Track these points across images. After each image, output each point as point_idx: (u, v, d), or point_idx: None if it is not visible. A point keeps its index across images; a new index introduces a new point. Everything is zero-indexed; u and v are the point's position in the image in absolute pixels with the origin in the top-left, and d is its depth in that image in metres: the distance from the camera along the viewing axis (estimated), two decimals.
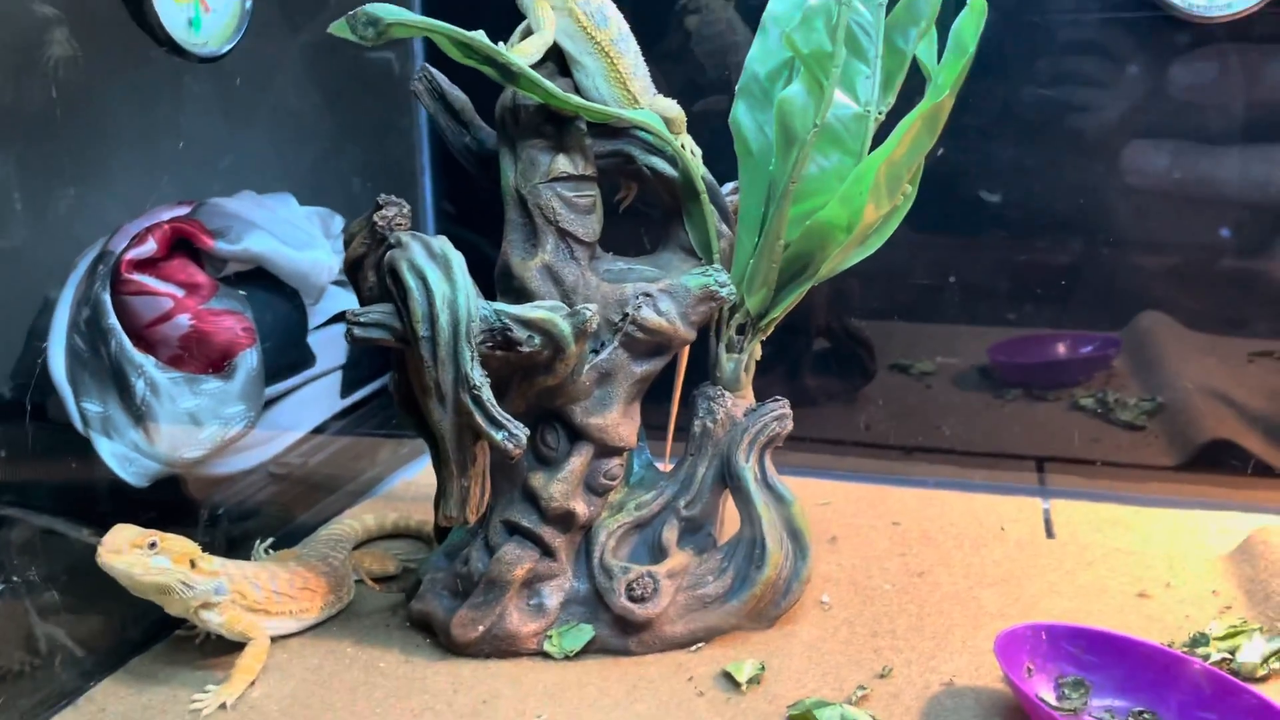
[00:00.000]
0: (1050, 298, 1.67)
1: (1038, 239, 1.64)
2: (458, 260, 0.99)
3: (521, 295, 1.10)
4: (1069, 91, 1.53)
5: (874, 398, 1.74)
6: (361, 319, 1.00)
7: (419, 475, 1.64)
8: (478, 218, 1.73)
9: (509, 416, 0.97)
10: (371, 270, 1.11)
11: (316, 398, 1.59)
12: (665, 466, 1.24)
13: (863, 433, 1.70)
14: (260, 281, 1.45)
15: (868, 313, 1.73)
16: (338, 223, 1.65)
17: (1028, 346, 1.80)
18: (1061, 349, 1.81)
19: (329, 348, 1.63)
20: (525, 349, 0.99)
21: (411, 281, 0.97)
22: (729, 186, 1.20)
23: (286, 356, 1.51)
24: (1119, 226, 1.60)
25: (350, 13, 0.97)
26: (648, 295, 1.09)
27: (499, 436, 0.97)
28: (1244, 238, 1.56)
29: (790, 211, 1.05)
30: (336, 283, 1.54)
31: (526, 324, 0.99)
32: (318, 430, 1.58)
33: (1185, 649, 1.06)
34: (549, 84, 1.03)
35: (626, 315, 1.08)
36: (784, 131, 1.01)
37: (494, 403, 0.97)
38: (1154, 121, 1.53)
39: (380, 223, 1.08)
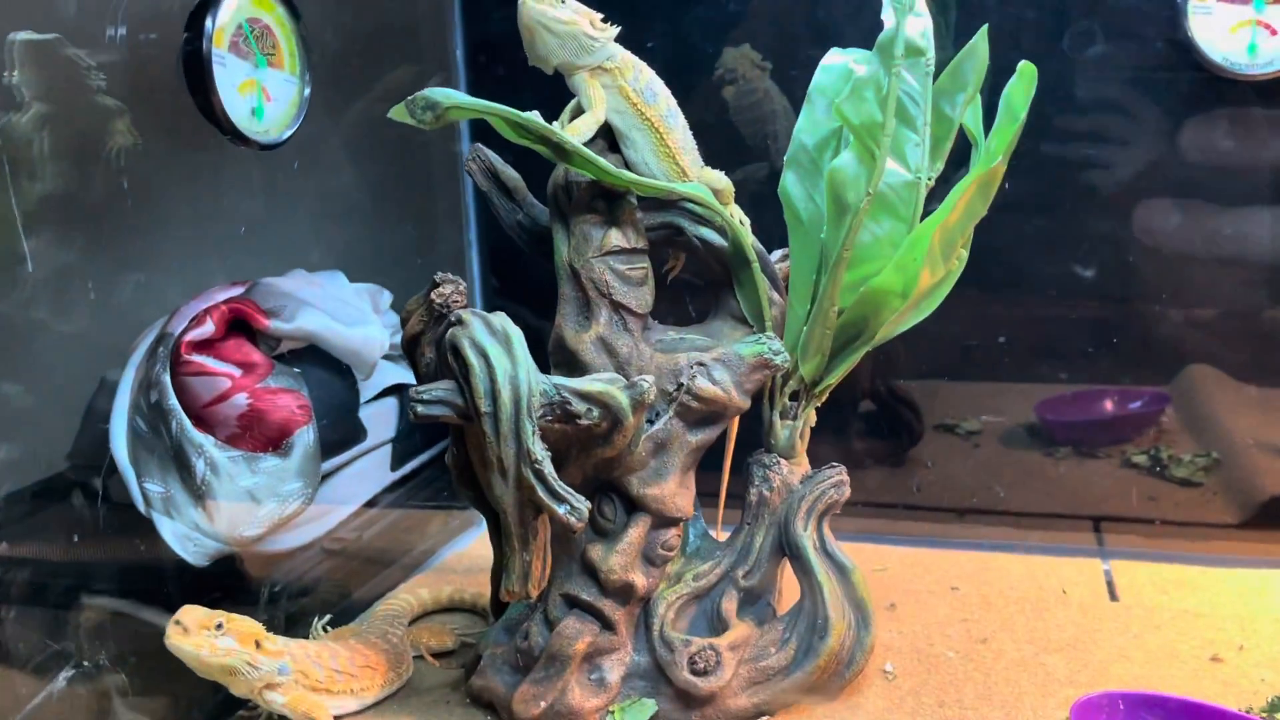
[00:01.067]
0: (1096, 354, 1.66)
1: (1082, 296, 1.64)
2: (517, 336, 1.00)
3: (575, 368, 1.11)
4: (1111, 151, 1.54)
5: (922, 459, 1.73)
6: (424, 396, 1.01)
7: (470, 547, 1.64)
8: (524, 291, 1.76)
9: (570, 490, 0.97)
10: (429, 346, 1.12)
11: (368, 471, 1.60)
12: (719, 535, 1.23)
13: (914, 495, 1.68)
14: (313, 359, 1.47)
15: (912, 373, 1.72)
16: (386, 298, 1.68)
17: (1076, 403, 1.78)
18: (1109, 405, 1.79)
19: (379, 421, 1.65)
20: (584, 421, 1.00)
21: (473, 358, 0.98)
22: (777, 254, 1.22)
23: (339, 432, 1.52)
24: (1163, 282, 1.59)
25: (409, 98, 0.99)
26: (701, 364, 1.10)
27: (561, 510, 0.97)
28: None
29: (844, 278, 1.06)
30: (386, 357, 1.57)
31: (585, 397, 1.00)
32: (370, 504, 1.59)
33: (1264, 714, 1.04)
34: (602, 161, 1.05)
35: (681, 385, 1.09)
36: (836, 200, 1.03)
37: (555, 477, 0.97)
38: (1196, 179, 1.53)
39: (437, 300, 1.09)
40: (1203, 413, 1.69)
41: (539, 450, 0.97)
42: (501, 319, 1.01)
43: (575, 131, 1.07)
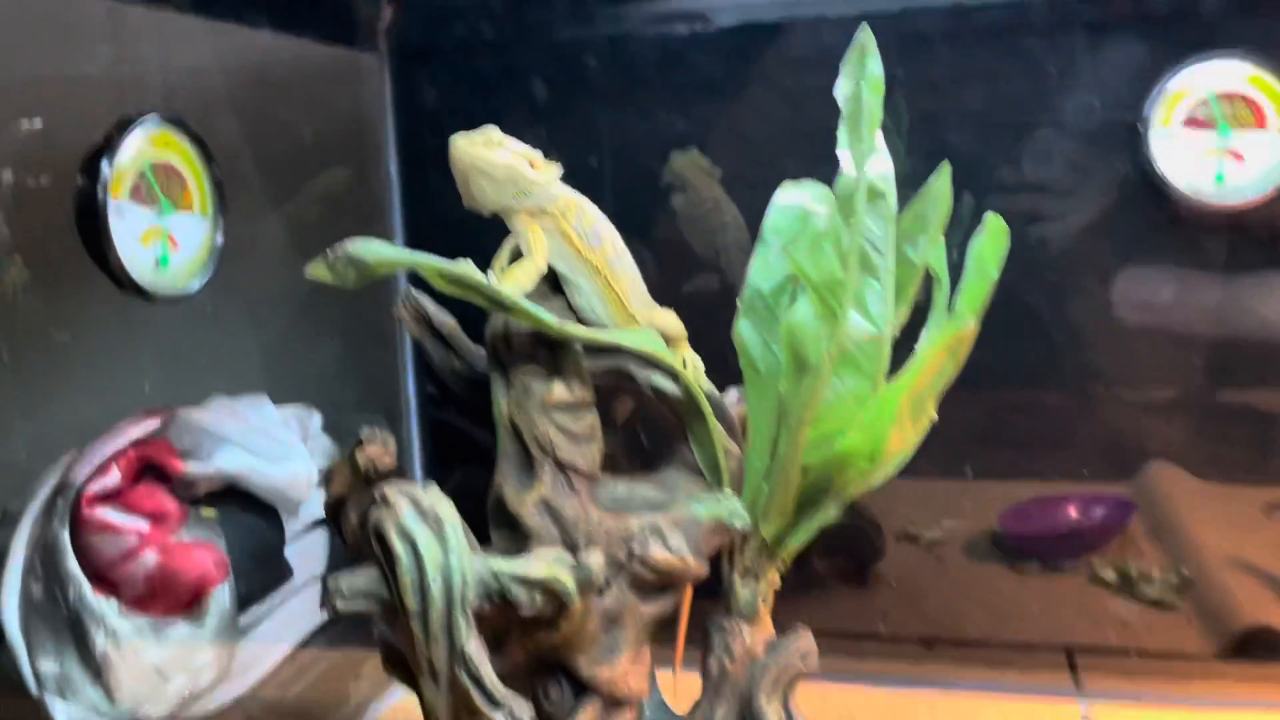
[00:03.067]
0: (1053, 449, 1.61)
1: (1031, 386, 1.59)
2: (449, 515, 0.90)
3: (515, 531, 1.01)
4: (1058, 257, 1.50)
5: (886, 577, 1.65)
6: (344, 589, 0.91)
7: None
8: (461, 402, 1.67)
9: (510, 693, 0.88)
10: (355, 512, 1.02)
11: (295, 614, 1.49)
12: (676, 703, 1.13)
13: (880, 624, 1.60)
14: (234, 499, 1.36)
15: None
16: (316, 421, 1.57)
17: (1039, 511, 1.73)
18: (1074, 512, 1.74)
19: (307, 557, 1.54)
20: (526, 611, 0.90)
21: (400, 548, 0.88)
22: (733, 394, 1.14)
23: (262, 577, 1.41)
24: (1116, 369, 1.55)
25: (328, 252, 0.90)
26: (655, 530, 1.01)
27: (499, 717, 0.87)
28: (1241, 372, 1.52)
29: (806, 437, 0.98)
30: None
31: (527, 583, 0.90)
32: (299, 647, 1.47)
33: None
34: (544, 314, 0.97)
35: (633, 553, 1.00)
36: (794, 356, 0.95)
37: (493, 680, 0.87)
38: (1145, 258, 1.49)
39: (363, 462, 1.00)
40: (1168, 521, 1.64)
41: (473, 651, 0.87)
42: (432, 497, 0.91)
43: (514, 281, 0.99)
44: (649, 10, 1.58)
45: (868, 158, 0.91)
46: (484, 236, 1.06)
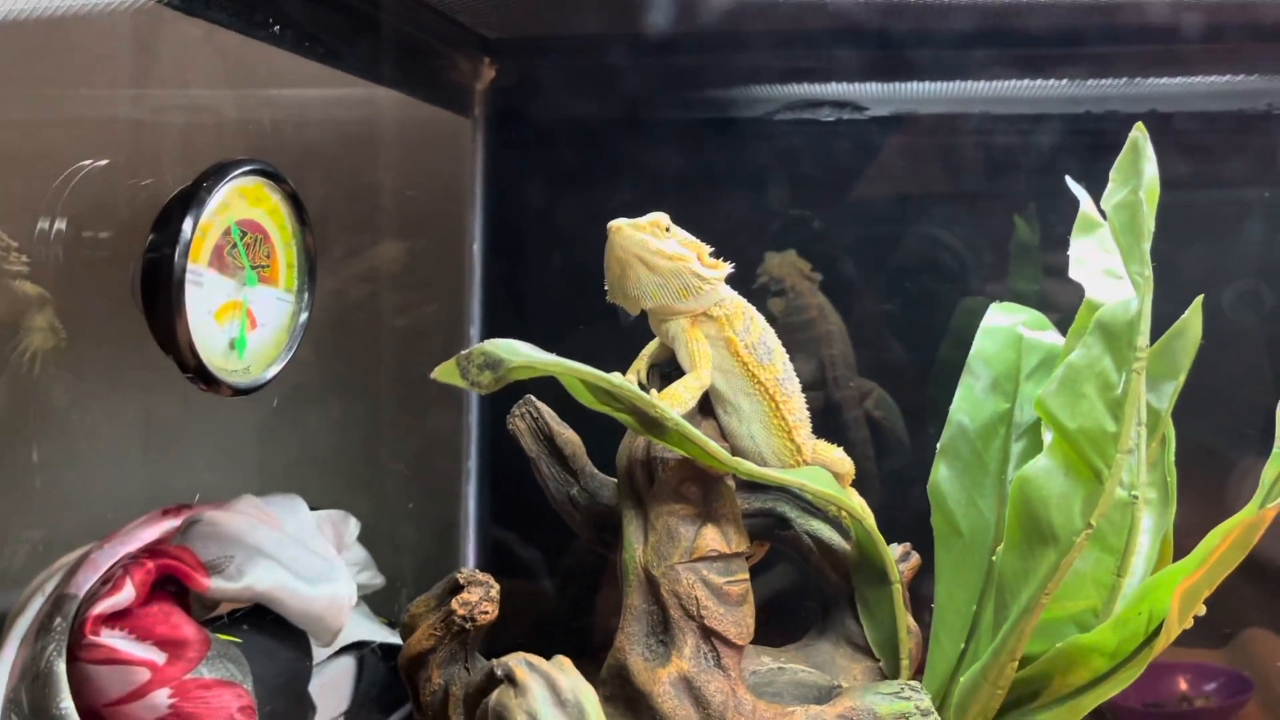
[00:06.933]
0: None
1: None
2: (592, 707, 0.69)
3: (639, 710, 0.80)
4: None
5: None
6: None
7: None
8: (527, 522, 1.44)
9: None
10: (439, 671, 0.81)
11: None
12: None
13: None
14: (258, 621, 1.14)
15: None
16: (353, 528, 1.36)
17: (1147, 684, 1.55)
18: (1183, 685, 1.56)
19: (331, 691, 1.30)
20: None
21: None
22: (896, 551, 0.94)
23: (286, 718, 1.17)
24: None
25: (463, 353, 0.71)
26: None
27: None
28: None
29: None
30: None
31: None
32: None
33: None
34: (710, 443, 0.78)
35: None
36: (1029, 521, 0.76)
37: None
38: None
39: (461, 610, 0.79)
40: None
41: None
42: (571, 680, 0.71)
43: (676, 401, 0.80)
44: (769, 95, 1.43)
45: (1145, 281, 0.73)
46: (568, 328, 0.88)
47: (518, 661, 0.71)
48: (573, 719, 0.68)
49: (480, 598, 0.80)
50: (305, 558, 1.17)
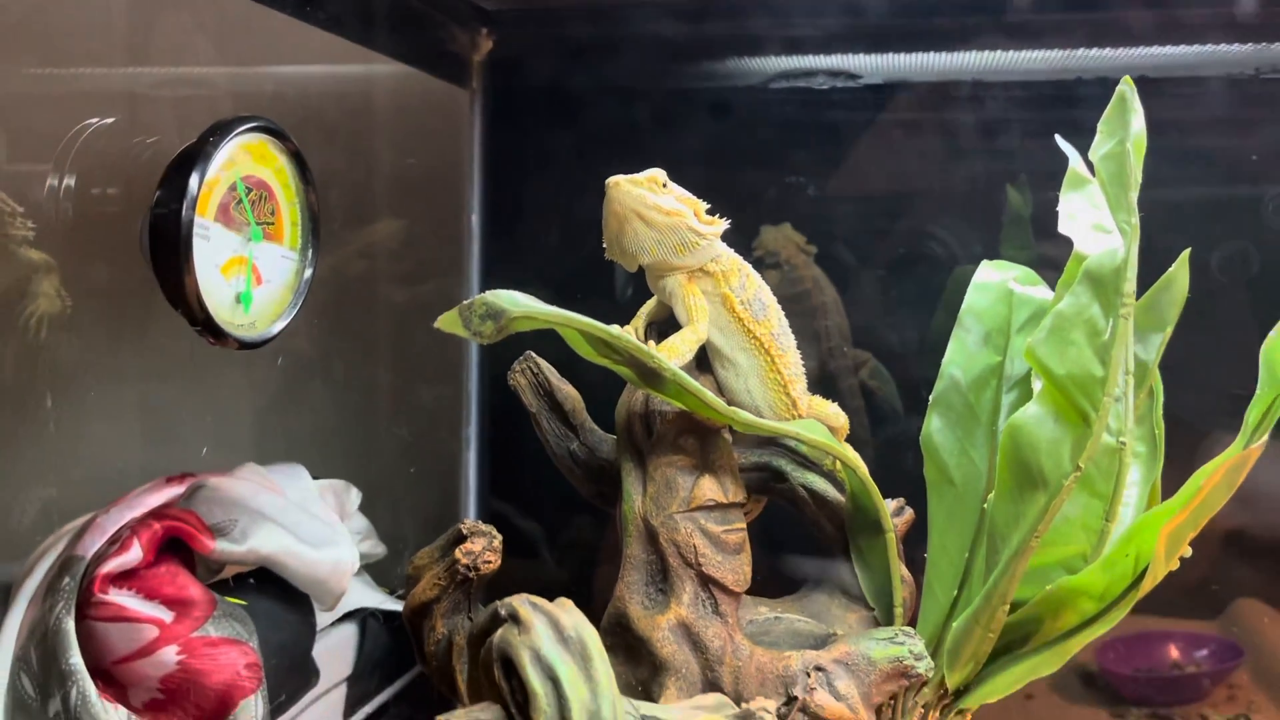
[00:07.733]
0: None
1: None
2: (595, 645, 0.71)
3: (639, 658, 0.82)
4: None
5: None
6: None
7: None
8: (524, 493, 1.46)
9: None
10: (443, 620, 0.83)
11: None
12: None
13: None
14: (262, 585, 1.15)
15: None
16: (354, 498, 1.37)
17: (1140, 651, 1.57)
18: (1175, 653, 1.59)
19: (333, 657, 1.31)
20: None
21: (538, 683, 0.68)
22: (890, 505, 0.96)
23: (287, 681, 1.19)
24: None
25: (465, 303, 0.73)
26: (820, 670, 0.82)
27: None
28: None
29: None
30: None
31: None
32: None
33: None
34: (707, 393, 0.79)
35: (793, 698, 0.81)
36: (1019, 467, 0.78)
37: None
38: None
39: (464, 559, 0.81)
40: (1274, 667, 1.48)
41: None
42: (574, 618, 0.72)
43: (673, 353, 0.82)
44: (765, 66, 1.44)
45: (1132, 230, 0.74)
46: (565, 297, 0.89)
47: (521, 601, 0.72)
48: (575, 655, 0.69)
49: (484, 547, 0.82)
50: (308, 522, 1.19)
